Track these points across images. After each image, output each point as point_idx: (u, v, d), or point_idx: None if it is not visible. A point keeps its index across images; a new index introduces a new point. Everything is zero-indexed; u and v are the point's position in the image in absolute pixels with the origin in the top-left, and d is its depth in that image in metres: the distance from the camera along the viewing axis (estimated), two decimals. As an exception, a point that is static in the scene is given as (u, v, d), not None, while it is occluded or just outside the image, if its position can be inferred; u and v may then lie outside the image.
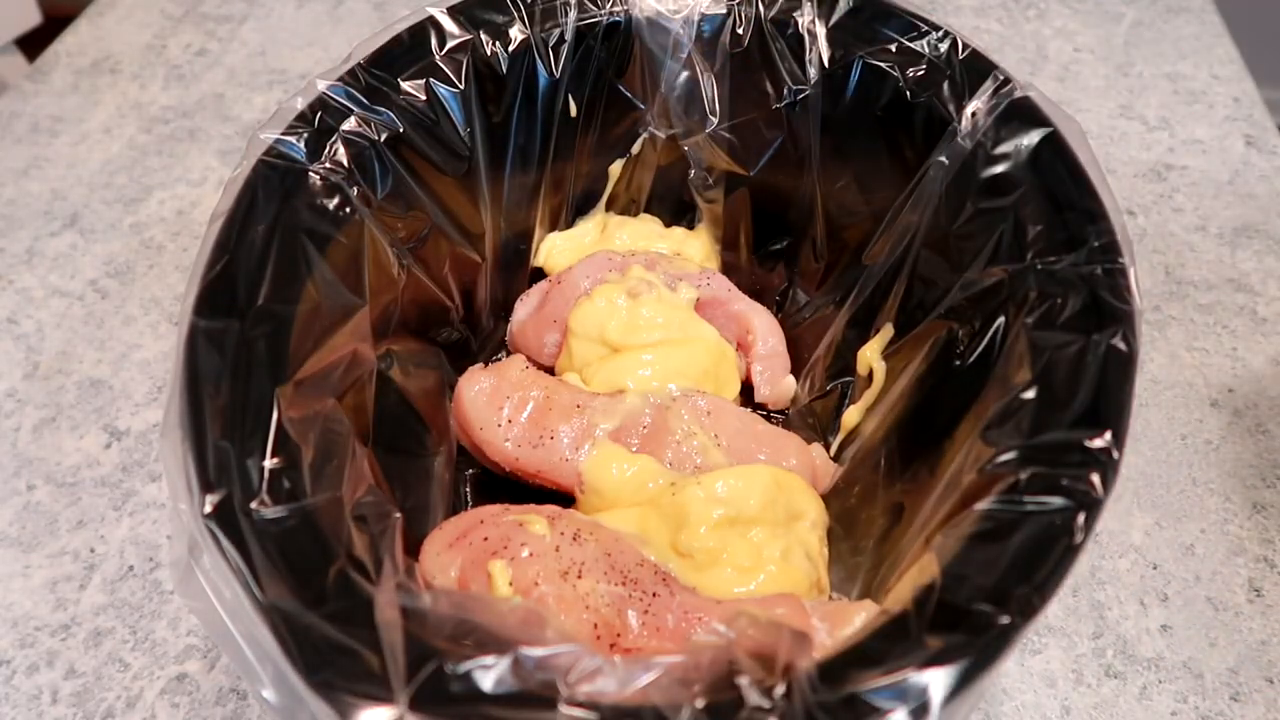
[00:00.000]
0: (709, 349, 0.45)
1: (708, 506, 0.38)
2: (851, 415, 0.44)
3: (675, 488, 0.39)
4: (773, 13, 0.42)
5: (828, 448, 0.44)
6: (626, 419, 0.42)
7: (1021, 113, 0.37)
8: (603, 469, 0.40)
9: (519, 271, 0.49)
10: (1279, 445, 0.50)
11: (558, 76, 0.43)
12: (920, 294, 0.41)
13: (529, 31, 0.42)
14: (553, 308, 0.46)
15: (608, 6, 0.43)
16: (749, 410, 0.45)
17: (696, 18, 0.43)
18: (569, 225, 0.50)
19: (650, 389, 0.43)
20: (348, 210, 0.36)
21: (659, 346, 0.44)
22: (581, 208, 0.50)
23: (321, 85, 0.37)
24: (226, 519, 0.27)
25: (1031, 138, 0.36)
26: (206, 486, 0.27)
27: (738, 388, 0.46)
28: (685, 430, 0.41)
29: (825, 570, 0.40)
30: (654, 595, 0.35)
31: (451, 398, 0.44)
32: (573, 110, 0.45)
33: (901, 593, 0.28)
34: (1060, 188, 0.34)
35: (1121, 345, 0.30)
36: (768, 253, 0.50)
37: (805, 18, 0.42)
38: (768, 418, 0.47)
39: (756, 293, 0.49)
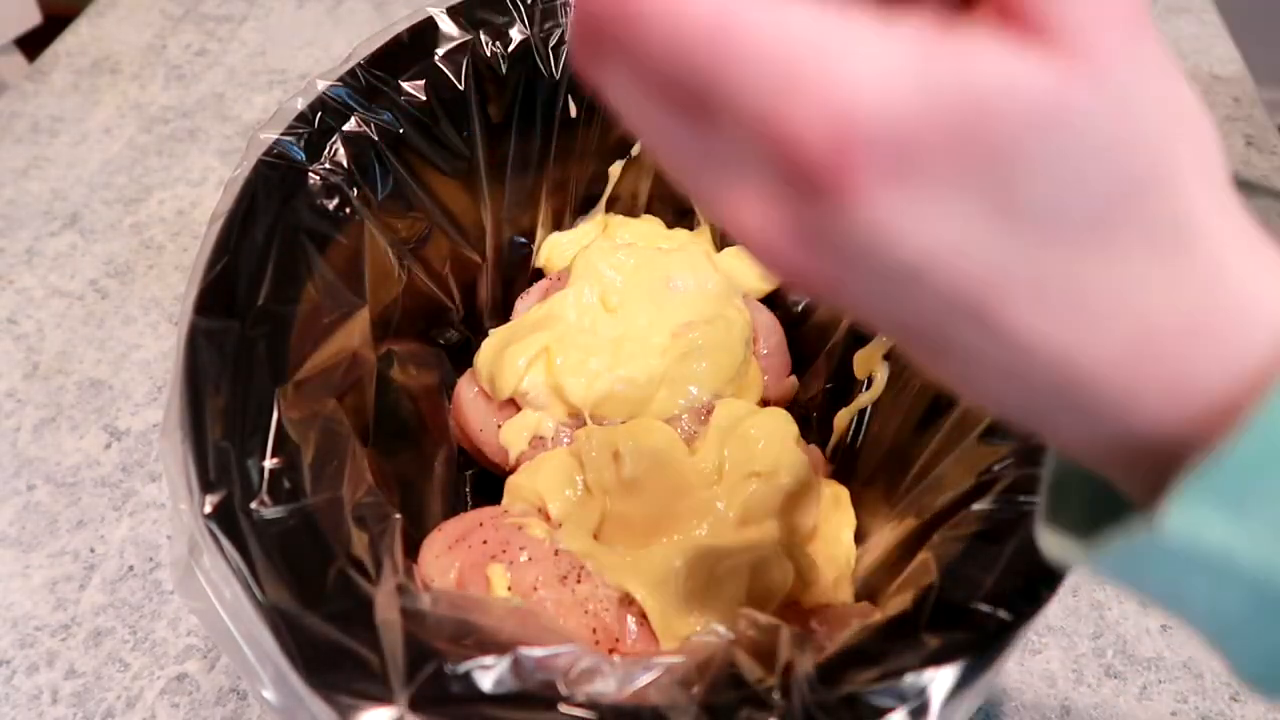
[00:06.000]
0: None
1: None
2: (843, 418, 0.44)
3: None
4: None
5: (823, 448, 0.44)
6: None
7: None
8: None
9: (519, 271, 0.49)
10: None
11: (558, 77, 0.43)
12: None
13: (529, 32, 0.42)
14: (553, 308, 0.46)
15: (608, 7, 0.43)
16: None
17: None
18: (571, 226, 0.50)
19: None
20: (348, 210, 0.36)
21: None
22: (582, 209, 0.50)
23: (321, 85, 0.37)
24: (226, 519, 0.27)
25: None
26: (206, 486, 0.27)
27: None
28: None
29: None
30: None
31: (451, 398, 0.44)
32: (573, 111, 0.44)
33: (901, 594, 0.28)
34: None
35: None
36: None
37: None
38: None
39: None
